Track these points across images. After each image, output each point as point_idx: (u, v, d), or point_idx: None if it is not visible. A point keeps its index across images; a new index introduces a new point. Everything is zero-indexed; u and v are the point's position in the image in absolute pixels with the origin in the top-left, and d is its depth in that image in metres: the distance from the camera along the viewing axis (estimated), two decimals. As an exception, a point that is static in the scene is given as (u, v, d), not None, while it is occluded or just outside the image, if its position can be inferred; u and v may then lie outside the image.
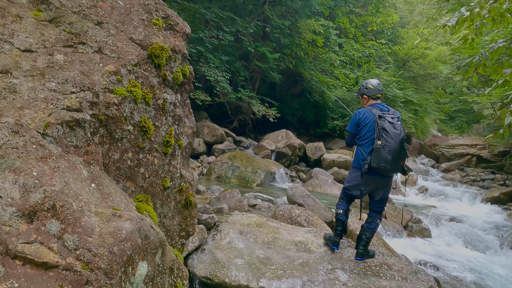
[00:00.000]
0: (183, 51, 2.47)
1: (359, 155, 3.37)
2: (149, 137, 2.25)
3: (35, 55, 1.95)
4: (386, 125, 3.22)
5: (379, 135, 3.19)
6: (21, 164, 1.57)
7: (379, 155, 3.13)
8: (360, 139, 3.38)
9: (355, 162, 3.43)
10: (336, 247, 3.52)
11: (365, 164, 3.22)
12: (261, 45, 12.55)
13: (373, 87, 3.52)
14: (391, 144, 3.16)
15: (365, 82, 3.62)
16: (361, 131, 3.37)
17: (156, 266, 1.93)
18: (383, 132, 3.18)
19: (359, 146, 3.39)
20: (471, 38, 3.81)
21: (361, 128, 3.37)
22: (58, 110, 1.80)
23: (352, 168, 3.51)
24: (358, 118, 3.41)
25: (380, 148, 3.14)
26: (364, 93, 3.56)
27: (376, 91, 3.51)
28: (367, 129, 3.32)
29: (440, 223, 6.73)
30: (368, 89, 3.54)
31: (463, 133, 20.89)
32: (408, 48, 20.42)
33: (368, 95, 3.53)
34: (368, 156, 3.24)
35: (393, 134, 3.18)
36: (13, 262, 1.41)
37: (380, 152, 3.13)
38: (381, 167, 3.14)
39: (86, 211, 1.58)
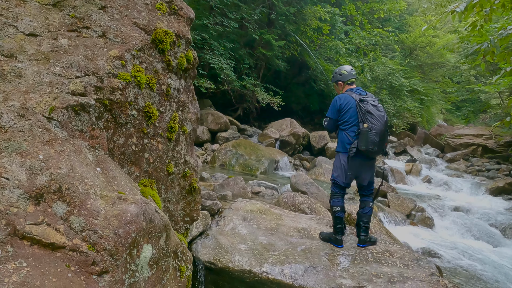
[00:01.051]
0: (187, 36, 2.46)
1: (344, 139, 3.38)
2: (153, 123, 2.26)
3: (39, 39, 1.95)
4: (370, 108, 3.28)
5: (364, 119, 3.24)
6: (27, 147, 1.59)
7: (366, 137, 3.19)
8: (344, 124, 3.39)
9: (341, 147, 3.43)
10: (341, 245, 3.39)
11: (352, 147, 3.27)
12: (266, 32, 12.41)
13: (347, 72, 3.58)
14: (377, 126, 3.23)
15: (338, 69, 3.68)
16: (344, 116, 3.38)
17: (160, 249, 1.96)
18: (368, 115, 3.24)
19: (342, 131, 3.41)
20: (480, 25, 3.74)
21: (344, 113, 3.38)
22: (63, 94, 1.80)
23: (337, 154, 3.48)
24: (339, 103, 3.41)
25: (367, 130, 3.19)
26: (339, 80, 3.60)
27: (351, 76, 3.57)
28: (350, 114, 3.35)
29: (444, 213, 6.74)
30: (343, 75, 3.58)
31: (469, 123, 20.71)
32: (416, 36, 20.12)
33: (343, 80, 3.57)
34: (354, 140, 3.28)
35: (378, 116, 3.25)
36: (21, 243, 1.44)
37: (368, 134, 3.19)
38: (369, 149, 3.20)
39: (92, 194, 1.61)
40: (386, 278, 2.98)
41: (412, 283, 2.92)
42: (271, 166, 9.09)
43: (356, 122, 3.31)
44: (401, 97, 17.69)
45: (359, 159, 3.35)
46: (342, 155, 3.41)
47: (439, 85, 21.90)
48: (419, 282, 2.93)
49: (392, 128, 17.11)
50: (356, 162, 3.36)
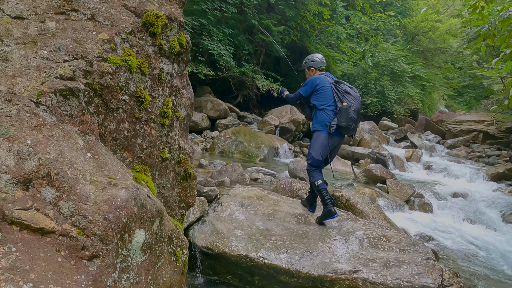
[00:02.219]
0: (180, 19, 2.40)
1: (324, 118, 3.57)
2: (145, 108, 2.23)
3: (26, 22, 1.91)
4: (348, 89, 3.58)
5: (341, 98, 3.53)
6: (15, 132, 1.57)
7: (347, 114, 3.46)
8: (322, 104, 3.60)
9: (320, 125, 3.59)
10: (336, 214, 3.47)
11: (333, 124, 3.51)
12: (266, 18, 12.22)
13: (319, 59, 3.87)
14: (355, 105, 3.53)
15: (310, 56, 3.94)
16: (319, 97, 3.61)
17: (154, 234, 1.96)
18: (346, 94, 3.54)
19: (321, 111, 3.60)
20: (481, 6, 3.64)
21: (319, 93, 3.61)
22: (51, 79, 1.77)
23: (316, 133, 3.63)
24: (316, 83, 3.63)
25: (347, 108, 3.46)
26: (311, 66, 3.86)
27: (322, 63, 3.86)
28: (325, 94, 3.60)
29: (443, 199, 6.75)
30: (315, 61, 3.85)
31: (471, 109, 20.57)
32: (418, 21, 19.81)
33: (315, 67, 3.84)
34: (333, 118, 3.53)
35: (355, 97, 3.57)
36: (10, 228, 1.44)
37: (348, 112, 3.46)
38: (349, 126, 3.48)
39: (81, 179, 1.59)
40: (382, 262, 3.00)
41: (407, 267, 2.93)
42: (271, 153, 9.08)
43: (333, 102, 3.56)
44: (402, 83, 17.54)
45: (337, 137, 3.61)
46: (322, 133, 3.58)
47: (441, 70, 21.67)
48: (414, 266, 2.95)
49: (393, 115, 17.02)
50: (335, 140, 3.61)
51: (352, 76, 17.24)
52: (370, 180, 7.12)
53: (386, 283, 2.78)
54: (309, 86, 3.66)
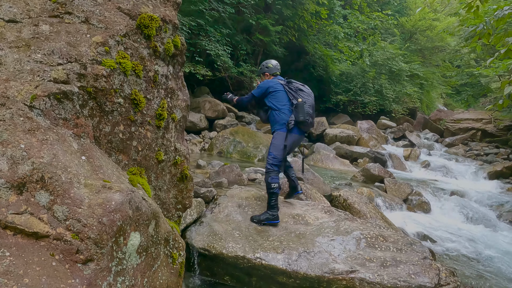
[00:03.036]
0: (174, 21, 2.40)
1: (282, 117, 3.68)
2: (140, 110, 2.23)
3: (20, 25, 1.91)
4: (300, 86, 3.75)
5: (296, 96, 3.67)
6: (8, 136, 1.57)
7: (303, 109, 3.60)
8: (278, 105, 3.72)
9: (279, 125, 3.70)
10: (278, 221, 3.56)
11: (291, 120, 3.62)
12: (263, 18, 12.22)
13: (273, 66, 4.00)
14: (310, 100, 3.70)
15: (265, 62, 4.08)
16: (274, 98, 3.73)
17: (149, 237, 1.96)
18: (300, 91, 3.70)
19: (277, 111, 3.72)
20: (476, 6, 3.64)
21: (273, 95, 3.74)
22: (45, 82, 1.77)
23: (276, 132, 3.72)
24: (269, 86, 3.77)
25: (303, 103, 3.61)
26: (265, 72, 4.01)
27: (275, 70, 3.99)
28: (280, 95, 3.74)
29: (441, 197, 6.76)
30: (269, 68, 4.00)
31: (469, 107, 20.59)
32: (416, 20, 19.84)
33: (270, 73, 3.98)
34: (290, 115, 3.65)
35: (308, 93, 3.74)
36: (4, 232, 1.44)
37: (304, 107, 3.60)
38: (306, 120, 3.61)
39: (75, 182, 1.59)
40: (379, 262, 3.00)
41: (404, 267, 2.94)
42: (269, 153, 9.06)
43: (288, 101, 3.71)
44: (400, 82, 17.55)
45: (296, 134, 3.71)
46: (281, 131, 3.68)
47: (439, 69, 21.70)
48: (411, 265, 2.95)
49: (391, 114, 17.04)
50: (294, 137, 3.71)
51: (350, 75, 17.26)
52: (368, 180, 7.13)
53: (383, 283, 2.78)
54: (262, 88, 3.79)
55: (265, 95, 3.79)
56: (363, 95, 16.46)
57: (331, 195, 5.09)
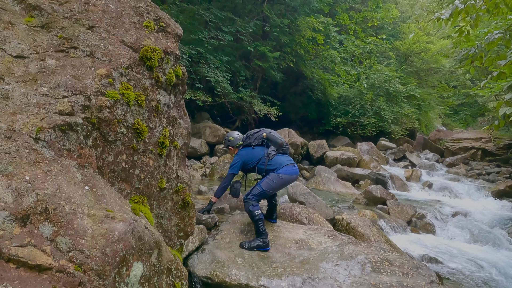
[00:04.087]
0: (176, 52, 2.49)
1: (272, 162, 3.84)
2: (143, 139, 2.27)
3: (27, 60, 1.98)
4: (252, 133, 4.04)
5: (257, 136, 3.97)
6: (13, 168, 1.59)
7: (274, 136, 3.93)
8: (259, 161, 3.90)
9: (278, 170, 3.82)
10: (269, 248, 3.57)
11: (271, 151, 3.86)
12: (261, 44, 12.56)
13: (234, 138, 4.12)
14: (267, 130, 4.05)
15: (226, 136, 4.22)
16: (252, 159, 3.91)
17: (152, 266, 1.94)
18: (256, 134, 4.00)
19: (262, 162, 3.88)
20: (466, 31, 3.77)
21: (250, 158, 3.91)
22: (50, 115, 1.82)
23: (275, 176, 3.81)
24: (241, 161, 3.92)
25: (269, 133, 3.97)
26: (229, 145, 4.17)
27: (238, 141, 4.11)
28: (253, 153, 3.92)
29: (445, 218, 6.68)
30: (231, 141, 4.13)
31: (467, 126, 20.73)
32: (410, 43, 20.33)
33: (232, 145, 4.13)
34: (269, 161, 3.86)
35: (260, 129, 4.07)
36: (6, 265, 1.43)
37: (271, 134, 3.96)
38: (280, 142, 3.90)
39: (79, 213, 1.60)
40: (385, 287, 2.95)
41: (411, 292, 2.88)
42: (270, 177, 9.04)
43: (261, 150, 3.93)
44: (398, 103, 17.76)
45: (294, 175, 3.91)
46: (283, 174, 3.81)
47: (436, 90, 22.01)
48: (418, 290, 2.89)
49: (391, 135, 17.13)
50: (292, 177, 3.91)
51: (348, 97, 17.49)
52: (370, 202, 7.08)
53: (390, 309, 2.72)
54: (235, 167, 3.91)
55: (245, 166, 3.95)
56: (362, 117, 16.61)
57: (334, 218, 5.04)
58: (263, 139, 3.97)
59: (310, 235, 3.82)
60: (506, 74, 3.42)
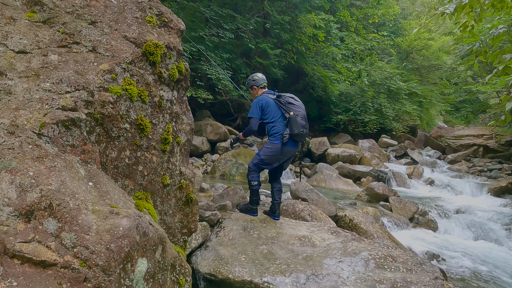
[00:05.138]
0: (178, 48, 2.47)
1: (279, 130, 3.81)
2: (146, 135, 2.25)
3: (29, 56, 1.96)
4: (290, 100, 3.88)
5: (287, 109, 3.80)
6: (17, 164, 1.58)
7: (296, 122, 3.73)
8: (272, 121, 3.85)
9: (274, 137, 3.83)
10: (256, 214, 3.95)
11: (285, 134, 3.76)
12: (262, 42, 12.51)
13: (259, 78, 4.15)
14: (301, 112, 3.83)
15: (251, 76, 4.21)
16: (269, 115, 3.85)
17: (156, 262, 1.93)
18: (290, 105, 3.83)
19: (271, 124, 3.85)
20: (471, 25, 3.74)
21: (267, 112, 3.85)
22: (53, 110, 1.80)
23: (269, 142, 3.85)
24: (261, 104, 3.87)
25: (295, 116, 3.74)
26: (253, 85, 4.13)
27: (262, 81, 4.13)
28: (271, 110, 3.85)
29: (447, 215, 6.67)
30: (255, 80, 4.12)
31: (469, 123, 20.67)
32: (411, 40, 20.25)
33: (257, 85, 4.10)
34: (285, 128, 3.78)
35: (299, 105, 3.88)
36: (11, 261, 1.42)
37: (296, 119, 3.74)
38: (300, 132, 3.74)
39: (83, 209, 1.59)
40: (389, 284, 2.93)
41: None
42: (272, 174, 9.03)
43: (281, 115, 3.84)
44: (399, 101, 17.71)
45: (291, 147, 3.85)
46: (276, 143, 3.81)
47: (437, 87, 21.94)
48: (423, 286, 2.88)
49: (392, 132, 17.10)
50: (288, 149, 3.85)
51: (350, 95, 17.44)
52: (372, 199, 7.07)
53: (394, 305, 2.71)
54: (256, 108, 3.87)
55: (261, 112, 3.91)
56: (363, 114, 16.57)
57: (337, 215, 5.03)
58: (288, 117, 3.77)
59: (313, 232, 3.81)
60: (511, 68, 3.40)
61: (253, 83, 4.12)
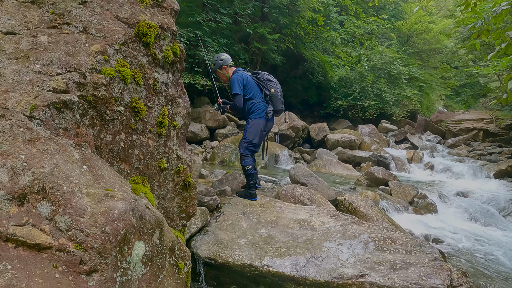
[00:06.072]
0: (172, 28, 2.40)
1: (259, 106, 3.91)
2: (141, 118, 2.21)
3: (18, 37, 1.90)
4: (268, 77, 3.98)
5: (267, 86, 3.91)
6: (8, 147, 1.55)
7: (278, 99, 3.89)
8: (253, 97, 3.92)
9: (257, 114, 3.91)
10: (255, 198, 3.96)
11: (269, 111, 3.89)
12: (260, 26, 12.32)
13: (226, 57, 4.14)
14: (279, 89, 3.99)
15: (217, 56, 4.19)
16: (250, 91, 3.91)
17: (154, 246, 1.92)
18: (269, 82, 3.93)
19: (252, 101, 3.92)
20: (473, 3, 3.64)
21: (248, 88, 3.90)
22: (44, 92, 1.75)
23: (254, 120, 3.92)
24: (242, 80, 3.89)
25: (276, 93, 3.89)
26: (222, 64, 4.10)
27: (229, 60, 4.13)
28: (252, 87, 3.92)
29: (447, 198, 6.68)
30: (223, 60, 4.11)
31: (469, 108, 20.59)
32: (412, 23, 19.98)
33: (226, 64, 4.09)
34: (266, 105, 3.90)
35: (276, 82, 4.02)
36: (5, 245, 1.40)
37: (277, 96, 3.89)
38: (281, 109, 3.93)
39: (77, 192, 1.56)
40: (388, 265, 2.94)
41: (415, 269, 2.87)
42: (271, 160, 9.04)
43: (260, 92, 3.94)
44: (399, 85, 17.58)
45: (271, 122, 4.01)
46: (260, 120, 3.91)
47: (438, 71, 21.76)
48: (422, 267, 2.89)
49: (392, 117, 17.03)
50: (270, 124, 4.00)
51: (349, 80, 17.30)
52: (372, 183, 7.07)
53: (394, 286, 2.72)
54: (238, 83, 3.86)
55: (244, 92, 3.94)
56: (363, 99, 16.47)
57: (336, 199, 5.03)
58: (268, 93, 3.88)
59: (312, 216, 3.81)
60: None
61: (222, 62, 4.10)
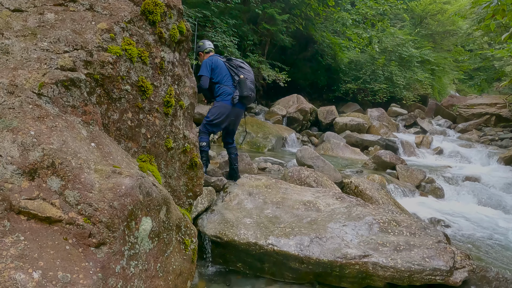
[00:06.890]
0: (179, 6, 2.38)
1: (226, 91, 3.99)
2: (148, 97, 2.22)
3: (25, 14, 1.91)
4: (240, 64, 4.06)
5: (237, 72, 3.98)
6: (18, 123, 1.58)
7: (245, 84, 3.93)
8: (221, 81, 4.01)
9: (222, 97, 3.99)
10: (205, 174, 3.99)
11: (236, 95, 3.94)
12: (269, 7, 12.08)
13: (204, 43, 4.32)
14: (250, 76, 4.04)
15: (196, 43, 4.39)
16: (218, 75, 3.99)
17: (161, 222, 1.96)
18: (240, 69, 4.01)
19: (220, 85, 4.01)
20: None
21: (215, 72, 3.99)
22: (52, 70, 1.77)
23: (218, 103, 4.01)
24: (211, 63, 4.00)
25: (244, 79, 3.94)
26: (199, 51, 4.32)
27: (208, 46, 4.30)
28: (222, 71, 4.00)
29: (455, 183, 6.65)
30: (200, 46, 4.30)
31: (482, 92, 20.11)
32: (426, 4, 19.37)
33: (202, 50, 4.28)
34: (234, 90, 3.97)
35: (248, 69, 4.07)
36: (17, 217, 1.45)
37: (246, 82, 3.95)
38: (249, 95, 3.96)
39: (86, 168, 1.60)
40: (392, 246, 2.98)
41: (418, 251, 2.90)
42: (279, 143, 9.05)
43: (230, 77, 4.01)
44: (411, 68, 17.22)
45: (239, 108, 4.06)
46: (225, 103, 3.98)
47: (451, 54, 21.19)
48: (425, 249, 2.92)
49: (402, 101, 16.76)
50: (236, 110, 4.05)
51: (360, 62, 17.00)
52: (379, 167, 7.05)
53: (396, 267, 2.76)
54: (206, 67, 3.98)
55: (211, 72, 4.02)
56: (373, 82, 16.22)
57: (342, 182, 5.05)
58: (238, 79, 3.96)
59: (318, 197, 3.84)
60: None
61: (198, 49, 4.32)
